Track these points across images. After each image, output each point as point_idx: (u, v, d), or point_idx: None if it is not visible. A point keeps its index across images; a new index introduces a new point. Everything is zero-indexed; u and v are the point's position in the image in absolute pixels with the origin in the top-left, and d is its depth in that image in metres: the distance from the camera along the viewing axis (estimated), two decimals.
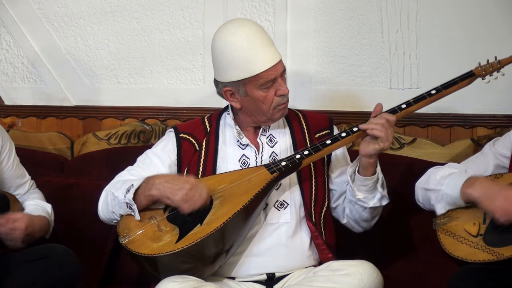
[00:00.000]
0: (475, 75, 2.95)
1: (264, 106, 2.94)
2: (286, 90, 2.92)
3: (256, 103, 2.94)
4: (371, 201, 2.95)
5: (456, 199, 2.81)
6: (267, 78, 2.90)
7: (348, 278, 2.74)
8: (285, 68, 2.96)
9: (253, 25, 2.96)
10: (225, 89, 2.97)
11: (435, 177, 2.90)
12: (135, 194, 2.83)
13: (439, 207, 2.86)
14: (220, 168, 3.00)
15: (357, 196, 2.93)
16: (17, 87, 4.09)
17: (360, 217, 3.00)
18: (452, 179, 2.84)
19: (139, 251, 2.75)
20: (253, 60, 2.88)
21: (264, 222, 2.95)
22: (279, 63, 2.92)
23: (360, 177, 2.91)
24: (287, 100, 2.96)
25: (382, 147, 2.84)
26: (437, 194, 2.86)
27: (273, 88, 2.92)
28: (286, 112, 2.99)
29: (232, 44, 2.90)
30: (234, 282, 2.94)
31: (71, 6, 3.98)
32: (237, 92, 2.95)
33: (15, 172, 3.23)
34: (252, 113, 2.98)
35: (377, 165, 2.92)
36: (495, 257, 2.66)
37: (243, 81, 2.91)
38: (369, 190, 2.93)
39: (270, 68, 2.89)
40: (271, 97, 2.92)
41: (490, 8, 3.50)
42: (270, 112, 2.96)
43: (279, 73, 2.92)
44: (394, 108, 2.93)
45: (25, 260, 2.90)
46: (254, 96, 2.93)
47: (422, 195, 2.95)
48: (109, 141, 3.90)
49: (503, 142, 2.97)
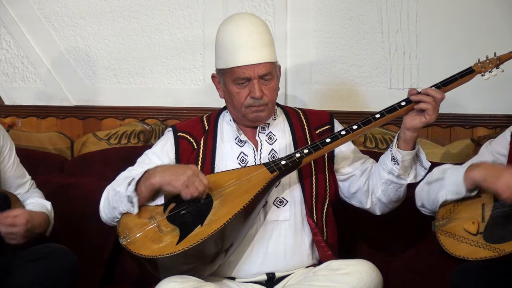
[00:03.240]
0: (474, 71, 2.95)
1: (236, 102, 2.97)
2: (257, 94, 2.92)
3: (231, 96, 2.98)
4: (409, 177, 2.94)
5: (459, 185, 2.81)
6: (240, 74, 2.92)
7: (348, 277, 2.74)
8: (268, 74, 2.93)
9: (252, 23, 2.97)
10: (213, 75, 3.05)
11: (437, 170, 2.92)
12: (137, 186, 2.83)
13: (441, 195, 2.86)
14: (218, 166, 3.00)
15: (397, 173, 2.92)
16: (17, 87, 4.09)
17: (394, 196, 2.99)
18: (455, 169, 2.86)
19: (139, 252, 2.75)
20: (232, 53, 2.92)
21: (264, 220, 2.95)
22: (259, 66, 2.92)
23: (401, 152, 2.89)
24: (263, 105, 2.95)
25: (429, 120, 2.85)
26: (441, 183, 2.87)
27: (248, 88, 2.93)
28: (262, 116, 2.98)
29: (223, 33, 2.97)
30: (234, 283, 2.94)
31: (71, 6, 3.98)
32: (221, 81, 3.01)
33: (16, 172, 3.23)
34: (231, 106, 3.02)
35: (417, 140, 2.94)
36: (496, 253, 2.67)
37: (223, 71, 2.96)
38: (408, 166, 2.92)
39: (245, 66, 2.91)
40: (243, 95, 2.94)
41: (490, 8, 3.50)
42: (242, 110, 2.97)
43: (256, 75, 2.91)
44: (394, 105, 2.92)
45: (25, 260, 2.90)
46: (229, 89, 2.97)
47: (424, 193, 2.94)
48: (109, 141, 3.90)
49: (500, 141, 2.98)
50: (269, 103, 2.97)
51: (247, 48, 2.92)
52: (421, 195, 2.97)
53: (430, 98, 2.85)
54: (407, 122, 2.89)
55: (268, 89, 2.95)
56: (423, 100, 2.85)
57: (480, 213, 2.79)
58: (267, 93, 2.95)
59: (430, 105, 2.84)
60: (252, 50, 2.92)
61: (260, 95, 2.92)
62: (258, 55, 2.92)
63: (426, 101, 2.85)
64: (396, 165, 2.91)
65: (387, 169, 2.93)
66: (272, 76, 2.96)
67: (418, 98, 2.87)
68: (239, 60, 2.92)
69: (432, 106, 2.84)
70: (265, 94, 2.95)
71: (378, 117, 2.92)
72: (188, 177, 2.78)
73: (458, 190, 2.82)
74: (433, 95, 2.85)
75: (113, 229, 2.94)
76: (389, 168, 2.93)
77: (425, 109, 2.85)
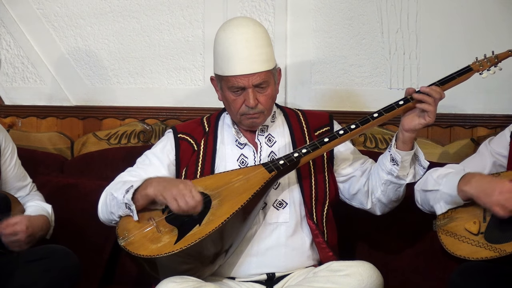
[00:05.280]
0: (472, 70, 2.95)
1: (231, 108, 2.98)
2: (251, 103, 2.91)
3: (227, 102, 2.99)
4: (408, 177, 2.94)
5: (454, 197, 2.81)
6: (234, 83, 2.92)
7: (348, 278, 2.74)
8: (264, 82, 2.92)
9: (249, 31, 2.94)
10: (212, 78, 3.05)
11: (432, 177, 2.90)
12: (134, 195, 2.83)
13: (439, 207, 2.87)
14: (218, 168, 3.00)
15: (396, 173, 2.92)
16: (17, 87, 4.09)
17: (393, 196, 2.99)
18: (449, 179, 2.84)
19: (138, 252, 2.76)
20: (227, 62, 2.92)
21: (263, 221, 2.95)
22: (254, 75, 2.91)
23: (400, 152, 2.89)
24: (258, 112, 2.95)
25: (428, 121, 2.85)
26: (435, 194, 2.86)
27: (243, 96, 2.94)
28: (258, 122, 2.99)
29: (220, 39, 2.96)
30: (234, 282, 2.95)
31: (71, 6, 3.98)
32: (219, 85, 3.01)
33: (17, 174, 3.24)
34: (228, 111, 3.03)
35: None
36: (498, 254, 2.67)
37: (220, 77, 2.97)
38: (407, 166, 2.92)
39: (239, 76, 2.91)
40: (239, 103, 2.95)
41: (490, 8, 3.50)
42: (237, 117, 2.98)
43: (250, 84, 2.91)
44: (392, 104, 2.92)
45: (25, 261, 2.90)
46: (225, 95, 2.97)
47: (421, 197, 2.95)
48: (109, 141, 3.90)
49: (499, 141, 2.97)
50: (265, 110, 2.97)
51: (241, 58, 2.91)
52: (419, 197, 2.97)
53: (432, 99, 2.84)
54: (406, 124, 2.88)
55: (263, 96, 2.95)
56: (425, 100, 2.85)
57: (481, 213, 2.79)
58: (263, 101, 2.95)
59: (431, 107, 2.84)
60: (246, 60, 2.91)
61: (254, 104, 2.92)
62: (252, 66, 2.91)
63: (428, 102, 2.84)
64: (395, 165, 2.91)
65: (386, 169, 2.93)
66: (268, 84, 2.95)
67: (421, 98, 2.86)
68: (233, 69, 2.91)
69: (433, 108, 2.84)
70: (260, 102, 2.94)
71: (376, 116, 2.92)
72: (179, 190, 2.75)
73: (455, 201, 2.82)
74: (434, 96, 2.85)
75: (113, 229, 2.94)
76: (388, 168, 2.93)
77: (427, 110, 2.84)
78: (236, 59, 2.91)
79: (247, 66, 2.91)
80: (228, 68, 2.92)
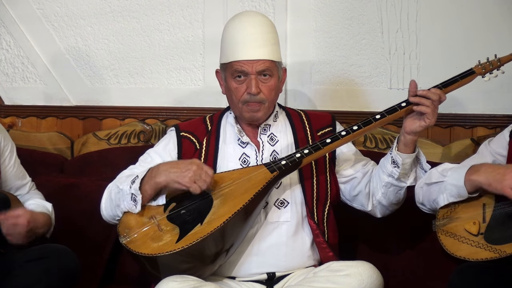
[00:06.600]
0: (475, 73, 2.95)
1: (234, 97, 2.98)
2: (253, 89, 2.92)
3: (230, 92, 2.99)
4: (409, 180, 2.95)
5: (460, 188, 2.79)
6: (237, 68, 2.93)
7: (348, 278, 2.75)
8: (267, 70, 2.94)
9: (257, 21, 3.00)
10: (217, 70, 3.07)
11: (437, 171, 2.90)
12: (141, 185, 2.83)
13: (442, 199, 2.84)
14: (220, 167, 3.00)
15: (397, 175, 2.92)
16: (17, 87, 4.09)
17: (394, 199, 2.99)
18: (455, 170, 2.84)
19: (139, 251, 2.75)
20: (232, 48, 2.95)
21: (265, 220, 2.95)
22: (258, 62, 2.93)
23: (401, 155, 2.90)
24: (259, 102, 2.96)
25: (428, 124, 2.86)
26: (440, 185, 2.85)
27: (246, 84, 2.94)
28: (258, 116, 2.99)
29: (228, 28, 3.01)
30: (235, 282, 2.95)
31: (71, 6, 3.98)
32: (223, 77, 3.03)
33: (16, 173, 3.23)
34: (231, 103, 3.03)
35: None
36: (497, 255, 2.66)
37: (225, 66, 2.99)
38: (408, 168, 2.93)
39: (243, 61, 2.92)
40: (241, 91, 2.95)
41: (490, 8, 3.50)
42: (239, 106, 2.98)
43: (254, 71, 2.93)
44: (394, 106, 2.93)
45: (25, 260, 2.89)
46: (228, 84, 2.99)
47: (423, 193, 2.93)
48: (109, 141, 3.90)
49: (499, 141, 2.97)
50: (266, 101, 2.97)
51: (247, 43, 2.94)
52: (421, 194, 2.96)
53: (429, 101, 2.85)
54: (407, 126, 2.89)
55: (266, 86, 2.96)
56: (422, 103, 2.85)
57: (481, 214, 2.79)
58: (264, 91, 2.95)
59: (429, 109, 2.84)
60: (252, 45, 2.94)
61: (256, 91, 2.93)
62: (257, 51, 2.94)
63: (425, 104, 2.85)
64: (396, 168, 2.91)
65: (387, 172, 2.94)
66: (271, 74, 2.96)
67: (418, 101, 2.87)
68: (238, 54, 2.94)
69: (432, 110, 2.84)
70: (262, 91, 2.95)
71: (378, 117, 2.92)
72: (194, 172, 2.78)
73: (459, 193, 2.80)
74: (432, 97, 2.85)
75: (114, 228, 2.94)
76: (389, 171, 2.93)
77: (425, 112, 2.85)
78: (241, 44, 2.94)
79: (252, 51, 2.93)
80: (233, 53, 2.95)
